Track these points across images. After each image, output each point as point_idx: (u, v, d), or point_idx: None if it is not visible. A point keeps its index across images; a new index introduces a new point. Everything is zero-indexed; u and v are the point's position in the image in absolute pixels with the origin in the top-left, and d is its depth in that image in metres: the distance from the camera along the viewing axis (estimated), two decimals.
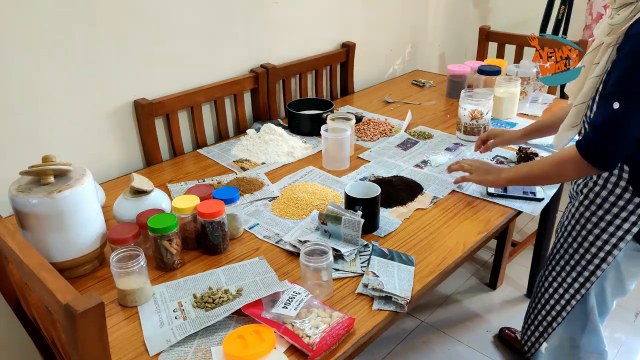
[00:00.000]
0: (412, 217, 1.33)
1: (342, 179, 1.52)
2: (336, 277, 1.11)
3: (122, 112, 1.59)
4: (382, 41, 2.44)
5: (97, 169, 1.54)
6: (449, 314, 2.15)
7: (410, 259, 1.16)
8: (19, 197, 1.03)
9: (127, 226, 1.13)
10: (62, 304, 0.76)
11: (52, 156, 1.09)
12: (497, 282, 2.26)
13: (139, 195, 1.21)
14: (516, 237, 2.51)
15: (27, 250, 0.93)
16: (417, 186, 1.45)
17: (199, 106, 1.75)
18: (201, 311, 1.02)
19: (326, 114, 1.75)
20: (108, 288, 1.10)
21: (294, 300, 0.99)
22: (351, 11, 2.21)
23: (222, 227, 1.18)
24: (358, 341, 0.96)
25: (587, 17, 2.56)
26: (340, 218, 1.17)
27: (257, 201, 1.41)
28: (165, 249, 1.12)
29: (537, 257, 2.15)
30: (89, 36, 1.44)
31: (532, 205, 1.36)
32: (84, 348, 0.77)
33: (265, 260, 1.17)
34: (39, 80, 1.38)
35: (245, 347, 0.90)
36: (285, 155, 1.65)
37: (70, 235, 1.07)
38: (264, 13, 1.87)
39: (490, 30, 2.42)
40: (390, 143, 1.74)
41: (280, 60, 1.97)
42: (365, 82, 2.40)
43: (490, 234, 1.28)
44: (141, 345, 0.95)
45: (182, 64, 1.69)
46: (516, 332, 1.96)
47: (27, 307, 1.15)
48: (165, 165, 1.65)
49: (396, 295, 1.03)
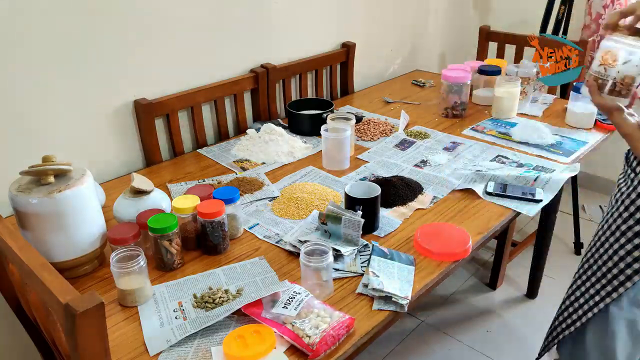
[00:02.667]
0: (412, 217, 1.33)
1: (342, 179, 1.52)
2: (336, 277, 1.11)
3: (122, 112, 1.59)
4: (382, 41, 2.44)
5: (97, 169, 1.54)
6: (449, 314, 2.15)
7: (410, 259, 1.16)
8: (19, 197, 1.03)
9: (127, 226, 1.13)
10: (62, 304, 0.76)
11: (52, 156, 1.09)
12: (497, 282, 2.26)
13: (139, 195, 1.21)
14: (516, 237, 2.51)
15: (27, 250, 0.93)
16: (417, 186, 1.45)
17: (199, 106, 1.75)
18: (201, 311, 1.02)
19: (326, 114, 1.75)
20: (108, 288, 1.10)
21: (294, 300, 0.99)
22: (351, 11, 2.22)
23: (222, 227, 1.18)
24: (358, 341, 0.96)
25: (586, 17, 2.56)
26: (341, 218, 1.17)
27: (257, 201, 1.41)
28: (165, 249, 1.12)
29: (537, 257, 2.15)
30: (89, 36, 1.44)
31: (530, 206, 1.36)
32: (84, 348, 0.77)
33: (265, 260, 1.18)
34: (39, 80, 1.38)
35: (246, 347, 0.90)
36: (285, 155, 1.65)
37: (71, 235, 1.07)
38: (264, 13, 1.87)
39: (490, 30, 2.42)
40: (388, 143, 1.74)
41: (280, 60, 1.97)
42: (365, 82, 2.40)
43: (490, 234, 1.28)
44: (141, 345, 0.95)
45: (182, 64, 1.69)
46: None
47: (27, 307, 1.15)
48: (165, 165, 1.65)
49: (396, 295, 1.03)
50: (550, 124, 1.83)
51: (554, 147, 1.67)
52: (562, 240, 2.58)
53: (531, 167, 1.54)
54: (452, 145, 1.71)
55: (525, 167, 1.54)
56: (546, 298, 2.22)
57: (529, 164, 1.56)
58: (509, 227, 2.13)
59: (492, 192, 1.41)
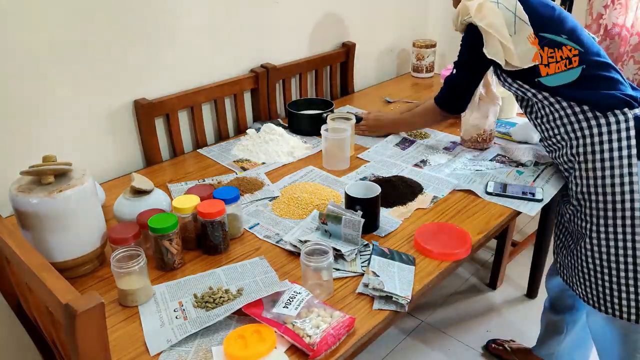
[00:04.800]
0: (412, 216, 1.33)
1: (342, 178, 1.52)
2: (336, 276, 1.11)
3: (122, 112, 1.59)
4: (382, 41, 2.44)
5: (98, 168, 1.54)
6: (449, 314, 2.15)
7: (410, 258, 1.16)
8: (19, 197, 1.03)
9: (128, 226, 1.13)
10: (62, 304, 0.76)
11: (53, 156, 1.09)
12: (497, 282, 2.26)
13: (139, 195, 1.21)
14: (516, 237, 2.51)
15: (27, 250, 0.93)
16: (417, 186, 1.45)
17: (199, 106, 1.75)
18: (202, 311, 1.02)
19: (326, 114, 1.75)
20: (108, 288, 1.10)
21: (294, 300, 0.99)
22: (351, 11, 2.21)
23: (222, 227, 1.18)
24: (358, 341, 0.96)
25: (587, 17, 2.56)
26: (341, 218, 1.17)
27: (257, 201, 1.41)
28: (166, 249, 1.12)
29: (537, 257, 2.15)
30: (89, 36, 1.44)
31: (530, 206, 1.36)
32: (84, 348, 0.77)
33: (265, 260, 1.17)
34: (39, 80, 1.38)
35: (246, 347, 0.90)
36: (285, 155, 1.65)
37: (71, 235, 1.07)
38: (264, 13, 1.87)
39: None
40: (389, 142, 1.74)
41: (280, 60, 1.97)
42: (365, 82, 2.40)
43: (490, 234, 1.28)
44: (141, 345, 0.95)
45: (182, 64, 1.69)
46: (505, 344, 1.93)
47: (27, 307, 1.15)
48: (165, 165, 1.65)
49: (396, 295, 1.03)
50: None
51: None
52: None
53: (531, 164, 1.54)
54: (452, 145, 1.71)
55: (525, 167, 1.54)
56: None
57: (529, 162, 1.56)
58: (509, 227, 2.13)
59: (492, 192, 1.41)
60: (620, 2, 2.45)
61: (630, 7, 2.48)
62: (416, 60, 2.40)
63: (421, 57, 2.38)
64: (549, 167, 1.53)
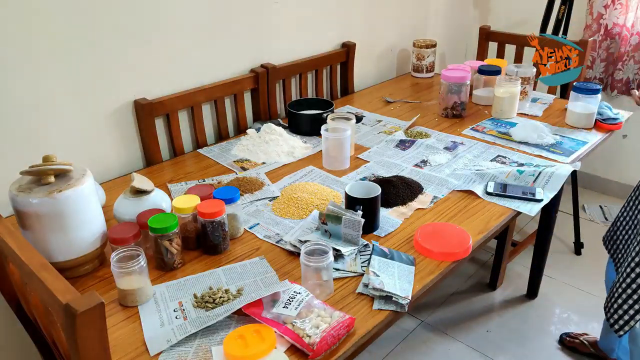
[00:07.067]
0: (413, 216, 1.33)
1: (342, 179, 1.52)
2: (336, 276, 1.11)
3: (122, 112, 1.59)
4: (382, 41, 2.44)
5: (98, 168, 1.54)
6: (449, 314, 2.15)
7: (410, 258, 1.16)
8: (19, 197, 1.03)
9: (128, 226, 1.13)
10: (62, 304, 0.76)
11: (53, 156, 1.09)
12: (497, 282, 2.26)
13: (139, 195, 1.21)
14: (516, 237, 2.51)
15: (27, 250, 0.93)
16: (417, 186, 1.45)
17: (199, 106, 1.75)
18: (202, 311, 1.02)
19: (326, 114, 1.75)
20: (108, 288, 1.10)
21: (294, 300, 0.99)
22: (351, 11, 2.21)
23: (222, 227, 1.18)
24: (358, 341, 0.96)
25: (588, 16, 2.56)
26: (341, 218, 1.17)
27: (257, 201, 1.41)
28: (166, 249, 1.12)
29: (537, 257, 2.15)
30: (89, 36, 1.44)
31: (530, 206, 1.36)
32: (84, 348, 0.77)
33: (265, 260, 1.17)
34: (39, 80, 1.38)
35: (246, 346, 0.90)
36: (285, 155, 1.65)
37: (71, 235, 1.07)
38: (264, 13, 1.87)
39: (490, 30, 2.42)
40: (389, 142, 1.74)
41: (280, 60, 1.97)
42: (365, 82, 2.40)
43: (490, 234, 1.28)
44: (141, 345, 0.95)
45: (182, 64, 1.69)
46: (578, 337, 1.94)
47: (27, 307, 1.15)
48: (165, 165, 1.65)
49: (396, 295, 1.03)
50: (550, 124, 1.83)
51: (554, 147, 1.67)
52: (562, 240, 2.58)
53: (532, 166, 1.54)
54: (452, 145, 1.71)
55: (525, 166, 1.54)
56: (546, 298, 2.22)
57: (529, 164, 1.56)
58: (509, 227, 2.13)
59: (492, 192, 1.41)
60: (621, 2, 2.45)
61: (631, 7, 2.48)
62: (416, 60, 2.40)
63: (421, 57, 2.38)
64: (549, 167, 1.53)
